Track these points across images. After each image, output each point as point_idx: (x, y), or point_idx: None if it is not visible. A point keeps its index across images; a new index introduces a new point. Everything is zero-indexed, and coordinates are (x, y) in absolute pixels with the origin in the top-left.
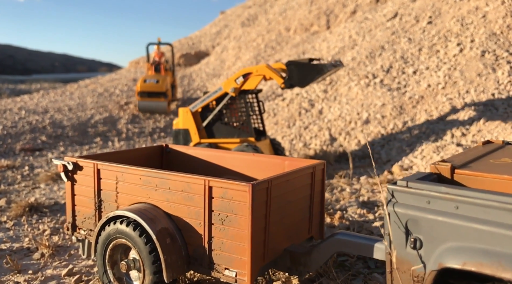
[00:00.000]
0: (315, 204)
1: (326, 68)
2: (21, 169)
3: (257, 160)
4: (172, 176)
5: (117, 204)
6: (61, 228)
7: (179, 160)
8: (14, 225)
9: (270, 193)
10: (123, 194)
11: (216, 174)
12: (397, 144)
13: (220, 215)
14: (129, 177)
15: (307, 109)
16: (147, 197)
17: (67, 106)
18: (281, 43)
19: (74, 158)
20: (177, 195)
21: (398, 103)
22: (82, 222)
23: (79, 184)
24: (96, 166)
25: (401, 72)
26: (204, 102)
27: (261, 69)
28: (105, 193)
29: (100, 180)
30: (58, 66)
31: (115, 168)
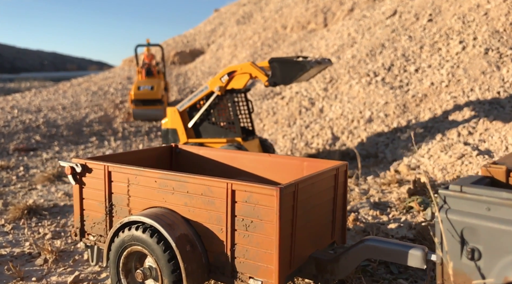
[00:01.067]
0: (338, 207)
1: (308, 65)
2: (15, 169)
3: (274, 160)
4: (191, 178)
5: (130, 209)
6: (63, 232)
7: (189, 161)
8: (13, 229)
9: (296, 196)
10: (136, 198)
11: (228, 175)
12: (402, 142)
13: (244, 220)
14: (143, 179)
15: (307, 108)
16: (163, 201)
17: (61, 105)
18: (278, 41)
19: (83, 159)
20: (196, 199)
21: (401, 101)
22: (91, 227)
23: (88, 187)
24: (107, 168)
25: (403, 70)
26: (191, 101)
27: (245, 67)
28: (117, 196)
29: (111, 183)
30: (47, 65)
31: (128, 170)
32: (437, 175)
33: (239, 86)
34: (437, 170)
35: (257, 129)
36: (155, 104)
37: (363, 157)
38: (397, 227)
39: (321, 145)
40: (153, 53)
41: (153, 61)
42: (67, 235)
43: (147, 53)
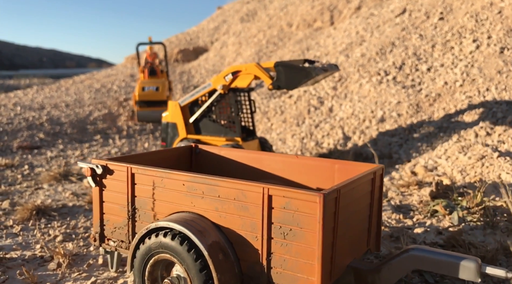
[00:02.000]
0: (373, 213)
1: (314, 73)
2: (20, 167)
3: (302, 162)
4: (223, 182)
5: (155, 213)
6: (74, 234)
7: (209, 162)
8: (22, 230)
9: (338, 203)
10: (162, 202)
11: (252, 177)
12: (416, 143)
13: (282, 228)
14: (170, 182)
15: (316, 107)
16: (191, 206)
17: (64, 102)
18: (283, 39)
19: (103, 160)
20: (228, 204)
21: (414, 101)
22: (112, 232)
23: (109, 190)
24: (130, 170)
25: (415, 69)
26: (193, 97)
27: (250, 68)
28: (140, 200)
29: (134, 185)
30: (46, 62)
31: (153, 172)
32: (456, 177)
33: (242, 85)
34: (456, 172)
35: (265, 128)
36: (160, 105)
37: (378, 157)
38: (424, 232)
39: (332, 144)
40: (155, 51)
41: (156, 60)
42: (79, 237)
43: (150, 51)
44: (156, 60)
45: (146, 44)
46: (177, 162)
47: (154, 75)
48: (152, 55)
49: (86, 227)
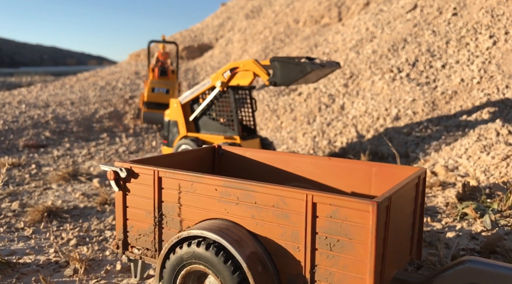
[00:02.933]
0: (416, 220)
1: (309, 68)
2: (27, 167)
3: (335, 165)
4: (261, 187)
5: (184, 220)
6: (87, 237)
7: (233, 163)
8: (34, 233)
9: (389, 211)
10: (192, 208)
11: (280, 180)
12: (434, 142)
13: (328, 238)
14: (201, 187)
15: (327, 104)
16: (224, 213)
17: (69, 100)
18: (290, 35)
19: (127, 163)
20: (266, 212)
21: (429, 98)
22: (136, 239)
23: (133, 195)
24: (157, 174)
25: (429, 66)
26: (193, 94)
27: (247, 64)
28: (168, 205)
29: (161, 190)
30: (47, 59)
31: (182, 176)
32: (480, 178)
33: (244, 83)
34: (479, 172)
35: (274, 126)
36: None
37: (392, 156)
38: (456, 236)
39: (346, 143)
40: (168, 51)
41: (168, 60)
42: (93, 241)
43: (163, 51)
44: (168, 60)
45: (159, 42)
46: (200, 164)
47: (165, 75)
48: (164, 55)
49: (100, 229)
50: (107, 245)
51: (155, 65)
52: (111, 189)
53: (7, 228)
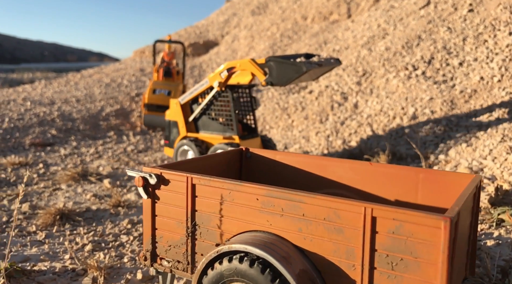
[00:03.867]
0: (472, 233)
1: (305, 67)
2: (35, 166)
3: (376, 170)
4: (310, 198)
5: (220, 231)
6: (103, 242)
7: (262, 167)
8: (47, 237)
9: (457, 226)
10: (230, 218)
11: (314, 187)
12: (454, 142)
13: (389, 257)
14: (240, 196)
15: (340, 103)
16: (267, 225)
17: (74, 97)
18: (298, 32)
19: (157, 168)
20: (316, 225)
21: (448, 97)
22: (166, 251)
23: (163, 203)
24: (190, 180)
25: (445, 64)
26: (192, 94)
27: (244, 64)
28: (202, 215)
29: (195, 198)
30: (48, 55)
31: (219, 183)
32: (508, 180)
33: (244, 81)
34: (507, 174)
35: (285, 125)
36: None
37: (411, 157)
38: (495, 245)
39: (361, 143)
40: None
41: (173, 61)
42: (109, 246)
43: (168, 51)
44: (174, 60)
45: (165, 42)
46: (227, 168)
47: (169, 76)
48: (170, 55)
49: (115, 234)
50: (124, 251)
51: (160, 65)
52: (122, 189)
53: (18, 231)
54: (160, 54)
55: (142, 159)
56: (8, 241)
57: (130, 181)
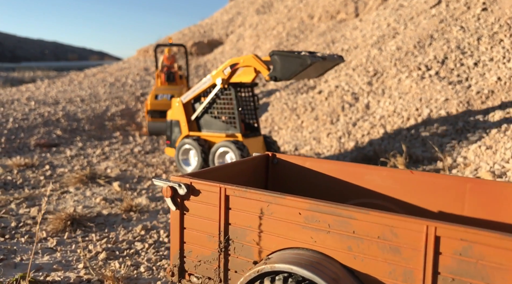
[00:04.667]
0: None
1: (310, 60)
2: (41, 168)
3: (418, 179)
4: (362, 214)
5: (257, 247)
6: (117, 250)
7: (290, 174)
8: (58, 244)
9: None
10: (268, 234)
11: (348, 196)
12: (472, 144)
13: (456, 281)
14: (280, 209)
15: (351, 103)
16: (310, 242)
17: (79, 97)
18: (305, 31)
19: (187, 178)
20: (368, 244)
21: (464, 98)
22: (195, 267)
23: (193, 215)
24: (223, 191)
25: (459, 64)
26: (194, 93)
27: (247, 59)
28: (237, 229)
29: (228, 210)
30: (48, 54)
31: (256, 195)
32: None
33: (246, 80)
34: None
35: (295, 126)
36: None
37: (428, 159)
38: None
39: (375, 145)
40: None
41: (174, 64)
42: (123, 254)
43: (168, 54)
44: (175, 64)
45: (166, 46)
46: (253, 175)
47: (172, 81)
48: (171, 59)
49: (129, 241)
50: (139, 259)
51: (161, 70)
52: (133, 193)
53: (28, 237)
54: (161, 58)
55: (150, 161)
56: (18, 248)
57: (139, 184)
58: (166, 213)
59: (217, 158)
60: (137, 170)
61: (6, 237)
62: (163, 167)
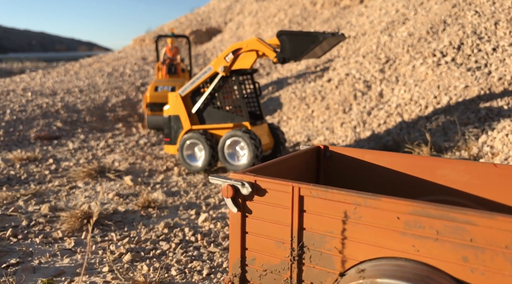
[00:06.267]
0: None
1: (321, 37)
2: (44, 162)
3: (503, 173)
4: (484, 219)
5: (341, 256)
6: (142, 251)
7: (345, 169)
8: (76, 245)
9: None
10: (353, 241)
11: (416, 193)
12: (498, 133)
13: None
14: (372, 213)
15: (363, 91)
16: (412, 251)
17: (77, 87)
18: (308, 18)
19: (250, 175)
20: (492, 255)
21: (485, 85)
22: (260, 277)
23: (258, 218)
24: (297, 191)
25: (477, 50)
26: (194, 85)
27: (251, 43)
28: (314, 235)
29: (303, 213)
30: (36, 45)
31: (340, 195)
32: None
33: (245, 66)
34: None
35: (305, 115)
36: None
37: (451, 150)
38: None
39: (394, 134)
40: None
41: (177, 56)
42: (149, 255)
43: (171, 45)
44: (178, 56)
45: (167, 37)
46: (305, 170)
47: (174, 73)
48: (173, 50)
49: (153, 240)
50: (168, 261)
51: (162, 62)
52: (146, 187)
53: (43, 237)
54: (163, 50)
55: (158, 153)
56: (34, 250)
57: (152, 178)
58: (186, 209)
59: (227, 149)
60: (146, 163)
61: (19, 237)
62: (173, 160)
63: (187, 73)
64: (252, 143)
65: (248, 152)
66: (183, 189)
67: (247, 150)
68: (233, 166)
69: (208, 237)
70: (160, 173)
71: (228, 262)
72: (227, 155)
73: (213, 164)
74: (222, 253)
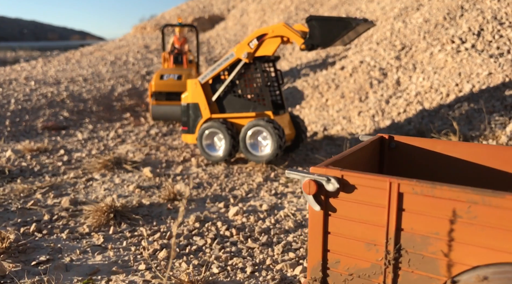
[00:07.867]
0: None
1: (354, 22)
2: (55, 153)
3: None
4: None
5: (447, 260)
6: (177, 247)
7: (413, 161)
8: (106, 241)
9: None
10: (465, 244)
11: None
12: None
13: None
14: (489, 212)
15: (379, 79)
16: None
17: (81, 76)
18: (315, 5)
19: (335, 169)
20: None
21: (510, 72)
22: (345, 281)
23: (343, 217)
24: (396, 188)
25: (498, 36)
26: (215, 71)
27: (277, 29)
28: (414, 237)
29: (401, 212)
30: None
31: (451, 193)
32: None
33: (268, 52)
34: None
35: (319, 104)
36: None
37: (477, 139)
38: None
39: (416, 123)
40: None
41: (185, 46)
42: (185, 252)
43: (179, 35)
44: (186, 45)
45: (174, 26)
46: (369, 163)
47: (180, 64)
48: (181, 40)
49: (186, 235)
50: (206, 258)
51: (170, 52)
52: (167, 178)
53: (69, 232)
54: (170, 39)
55: (171, 143)
56: (62, 246)
57: (170, 169)
58: (213, 201)
59: (248, 139)
60: (162, 154)
61: (44, 232)
62: (189, 150)
63: (195, 65)
64: (276, 132)
65: (271, 142)
66: (205, 181)
67: (270, 140)
68: (255, 157)
69: (243, 231)
70: (178, 164)
71: (270, 259)
72: (249, 145)
73: (233, 154)
74: (262, 249)
